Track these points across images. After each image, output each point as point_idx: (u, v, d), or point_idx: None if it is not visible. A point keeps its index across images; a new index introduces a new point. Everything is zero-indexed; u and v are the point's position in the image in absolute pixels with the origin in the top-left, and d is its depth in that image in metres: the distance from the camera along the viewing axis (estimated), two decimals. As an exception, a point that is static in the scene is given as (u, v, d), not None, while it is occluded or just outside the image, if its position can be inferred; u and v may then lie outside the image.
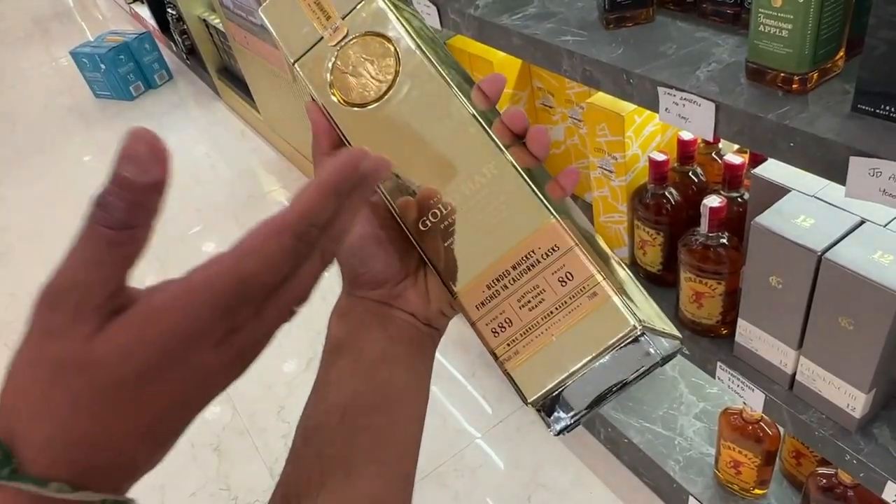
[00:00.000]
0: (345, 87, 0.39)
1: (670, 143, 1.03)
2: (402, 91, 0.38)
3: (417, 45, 0.38)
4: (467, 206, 0.36)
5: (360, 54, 0.39)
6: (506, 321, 0.35)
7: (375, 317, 0.40)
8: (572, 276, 0.34)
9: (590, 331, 0.33)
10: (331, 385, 0.39)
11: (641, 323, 0.32)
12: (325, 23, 0.39)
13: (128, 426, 0.25)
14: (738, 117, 0.67)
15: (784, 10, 0.61)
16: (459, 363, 1.72)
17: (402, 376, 0.40)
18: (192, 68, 3.51)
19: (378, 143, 0.38)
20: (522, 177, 0.36)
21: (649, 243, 1.03)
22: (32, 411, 0.24)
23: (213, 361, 0.26)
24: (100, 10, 4.94)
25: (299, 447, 0.38)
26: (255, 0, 1.92)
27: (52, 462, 0.24)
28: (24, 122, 3.48)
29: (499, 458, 1.51)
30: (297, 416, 0.30)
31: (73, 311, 0.24)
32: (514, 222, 0.35)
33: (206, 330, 0.25)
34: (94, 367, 0.24)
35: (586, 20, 0.89)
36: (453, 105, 0.37)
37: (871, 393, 0.76)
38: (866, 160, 0.57)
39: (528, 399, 0.34)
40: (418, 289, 0.41)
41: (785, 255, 0.76)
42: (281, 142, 2.65)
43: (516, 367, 0.34)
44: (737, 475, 1.15)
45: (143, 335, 0.24)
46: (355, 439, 0.37)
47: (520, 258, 0.35)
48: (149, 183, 0.25)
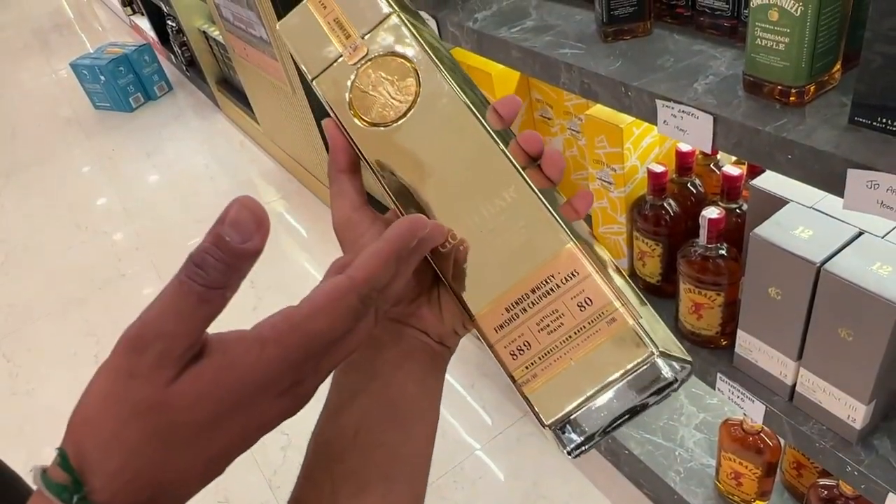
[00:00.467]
0: (364, 107, 0.39)
1: (668, 155, 1.03)
2: (423, 112, 0.38)
3: (437, 66, 0.38)
4: (486, 228, 0.37)
5: (380, 74, 0.39)
6: (524, 344, 0.35)
7: (389, 334, 0.40)
8: (591, 302, 0.34)
9: (608, 356, 0.34)
10: (343, 402, 0.39)
11: (659, 349, 0.33)
12: (345, 41, 0.40)
13: (189, 465, 0.27)
14: (736, 130, 0.67)
15: (780, 23, 0.61)
16: (459, 374, 1.72)
17: (414, 394, 0.40)
18: (191, 80, 3.53)
19: (397, 162, 0.38)
20: (542, 201, 0.36)
21: (648, 254, 1.03)
22: (105, 444, 0.26)
23: (274, 409, 0.29)
24: (100, 21, 4.96)
25: (311, 462, 0.38)
26: (256, 14, 1.93)
27: (115, 493, 0.26)
28: (23, 133, 3.49)
29: (499, 470, 1.50)
30: (297, 428, 0.31)
31: (157, 358, 0.26)
32: (533, 247, 0.36)
33: (275, 382, 0.28)
34: (170, 410, 0.26)
35: (584, 33, 0.90)
36: (473, 127, 0.37)
37: (871, 404, 0.76)
38: (864, 172, 0.57)
39: (546, 422, 0.34)
40: (432, 307, 0.41)
41: (784, 267, 0.76)
42: (280, 152, 2.65)
43: (534, 390, 0.35)
44: (737, 486, 1.14)
45: (217, 385, 0.27)
46: (368, 457, 0.38)
47: (539, 282, 0.35)
48: (248, 250, 0.27)
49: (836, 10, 0.60)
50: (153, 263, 2.36)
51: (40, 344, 2.12)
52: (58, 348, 2.07)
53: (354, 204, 0.40)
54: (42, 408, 1.88)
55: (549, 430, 0.34)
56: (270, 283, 2.16)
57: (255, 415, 0.28)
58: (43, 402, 1.89)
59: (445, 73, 0.38)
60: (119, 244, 2.50)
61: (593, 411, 0.34)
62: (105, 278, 2.34)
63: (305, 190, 2.57)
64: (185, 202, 2.66)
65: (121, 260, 2.41)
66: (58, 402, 1.88)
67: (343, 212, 0.40)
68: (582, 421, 0.34)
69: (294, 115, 2.19)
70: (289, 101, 2.14)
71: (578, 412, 0.34)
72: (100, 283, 2.31)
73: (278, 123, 2.45)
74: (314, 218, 2.42)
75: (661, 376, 0.33)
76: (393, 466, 0.38)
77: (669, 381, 0.33)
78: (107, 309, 2.19)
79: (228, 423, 0.27)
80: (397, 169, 0.38)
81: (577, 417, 0.34)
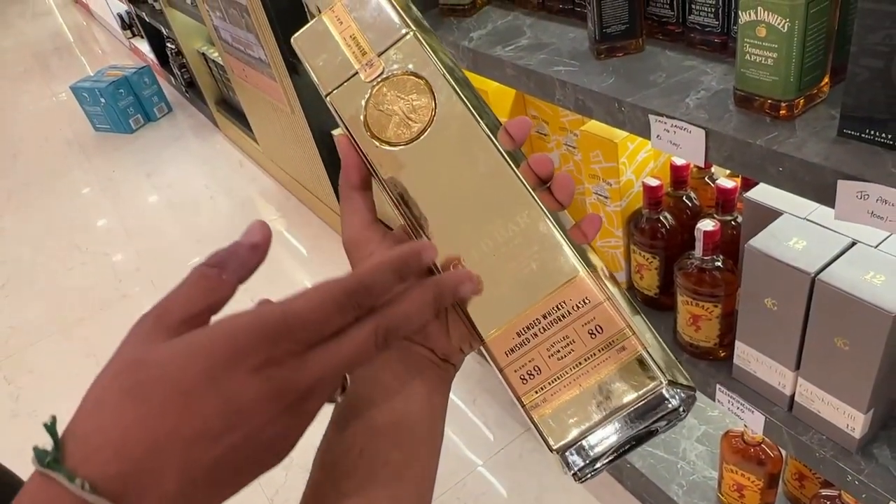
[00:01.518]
0: (379, 125, 0.39)
1: (663, 169, 1.04)
2: (438, 133, 0.38)
3: (453, 87, 0.38)
4: (499, 253, 0.37)
5: (396, 93, 0.39)
6: (535, 369, 0.36)
7: (395, 351, 0.40)
8: (602, 330, 0.35)
9: (617, 384, 0.34)
10: (349, 419, 0.39)
11: (667, 378, 0.33)
12: (361, 58, 0.39)
13: (162, 441, 0.26)
14: (728, 143, 0.68)
15: (768, 39, 0.63)
16: (461, 390, 1.71)
17: (419, 412, 0.40)
18: (191, 101, 3.56)
19: (410, 182, 0.38)
20: (554, 227, 0.36)
21: (646, 267, 1.04)
22: (87, 408, 0.27)
23: (248, 389, 0.28)
24: (99, 45, 5.01)
25: (317, 479, 0.38)
26: (255, 36, 1.96)
27: (86, 457, 0.25)
28: (24, 156, 3.51)
29: (501, 486, 1.50)
30: (297, 448, 0.31)
31: (151, 324, 0.28)
32: (545, 273, 0.36)
33: (245, 351, 0.28)
34: (144, 367, 0.27)
35: (578, 51, 0.91)
36: (488, 151, 0.38)
37: (869, 413, 0.77)
38: (854, 183, 0.58)
39: (553, 447, 0.34)
40: (440, 325, 0.41)
41: (779, 278, 0.77)
42: (279, 171, 2.67)
43: (543, 414, 0.35)
44: (740, 498, 1.14)
45: (189, 345, 0.28)
46: (373, 475, 0.38)
47: (550, 308, 0.36)
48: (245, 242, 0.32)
49: (822, 25, 0.62)
50: (154, 284, 2.36)
51: (41, 366, 2.12)
52: (59, 370, 2.07)
53: (365, 221, 0.40)
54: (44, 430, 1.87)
55: (556, 455, 0.35)
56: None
57: (227, 391, 0.27)
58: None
59: (461, 95, 0.38)
60: (119, 265, 2.51)
61: (601, 437, 0.34)
62: (105, 299, 2.34)
63: (304, 208, 2.58)
64: (186, 222, 2.67)
65: (121, 280, 2.42)
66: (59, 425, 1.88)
67: (353, 229, 0.40)
68: (589, 446, 0.34)
69: (293, 134, 2.21)
70: (288, 120, 2.16)
71: (586, 438, 0.34)
72: (100, 304, 2.32)
73: (277, 143, 2.47)
74: (313, 236, 2.44)
75: (670, 405, 0.34)
76: (398, 485, 0.38)
77: (677, 410, 0.34)
78: (107, 330, 2.20)
79: (200, 393, 0.26)
80: (410, 189, 0.38)
81: (585, 443, 0.34)
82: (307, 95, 1.94)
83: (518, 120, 0.40)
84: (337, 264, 2.27)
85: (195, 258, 2.44)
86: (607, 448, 0.35)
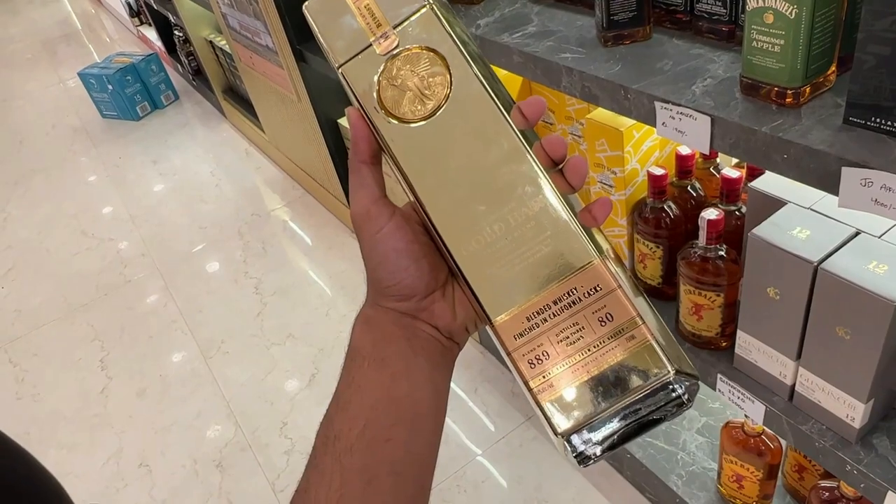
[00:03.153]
0: (392, 100, 0.38)
1: (669, 159, 1.05)
2: (452, 111, 0.38)
3: (469, 63, 0.38)
4: (512, 236, 0.36)
5: (411, 68, 0.38)
6: (543, 354, 0.35)
7: (400, 328, 0.40)
8: (612, 317, 0.35)
9: (626, 371, 0.34)
10: (352, 395, 0.39)
11: (675, 367, 0.34)
12: (376, 30, 0.38)
13: None
14: (733, 130, 0.68)
15: (776, 26, 0.63)
16: (462, 380, 1.72)
17: (423, 389, 0.40)
18: (197, 89, 3.56)
19: (422, 160, 0.38)
20: (568, 212, 0.36)
21: (649, 257, 1.04)
22: None
23: None
24: (107, 32, 5.02)
25: (320, 453, 0.38)
26: (263, 23, 1.96)
27: None
28: (31, 142, 3.53)
29: (501, 474, 1.51)
30: (299, 432, 0.31)
31: None
32: (558, 258, 0.36)
33: None
34: None
35: (585, 38, 0.91)
36: (504, 131, 0.37)
37: (869, 403, 0.77)
38: (858, 170, 0.58)
39: (558, 431, 0.35)
40: (445, 303, 0.41)
41: (782, 266, 0.77)
42: (284, 160, 2.68)
43: (549, 399, 0.35)
44: (739, 489, 1.15)
45: None
46: (376, 451, 0.38)
47: (562, 294, 0.35)
48: None
49: (829, 13, 0.62)
50: (158, 269, 2.37)
51: (46, 349, 2.13)
52: (63, 353, 2.09)
53: (374, 196, 0.40)
54: (47, 412, 1.89)
55: (561, 440, 0.35)
56: (274, 288, 2.17)
57: None
58: (48, 407, 1.91)
59: (476, 72, 0.38)
60: (125, 251, 2.52)
61: (606, 424, 0.34)
62: (111, 284, 2.36)
63: (309, 197, 2.59)
64: (191, 209, 2.68)
65: (126, 266, 2.43)
66: (63, 406, 1.90)
67: (362, 203, 0.40)
68: (594, 433, 0.35)
69: (299, 122, 2.21)
70: (294, 108, 2.17)
71: (591, 424, 0.34)
72: (105, 289, 2.33)
73: (283, 131, 2.47)
74: (318, 225, 2.44)
75: (675, 394, 0.34)
76: (401, 461, 0.38)
77: (682, 398, 0.34)
78: (112, 315, 2.21)
79: None
80: (422, 166, 0.38)
81: (590, 429, 0.34)
82: (314, 84, 1.94)
83: (532, 99, 0.39)
84: (341, 254, 2.28)
85: (200, 245, 2.45)
86: (611, 434, 0.35)
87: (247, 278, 2.24)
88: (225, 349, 1.98)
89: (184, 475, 1.65)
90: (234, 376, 1.89)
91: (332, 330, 1.97)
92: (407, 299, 0.40)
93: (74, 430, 1.83)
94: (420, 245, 0.39)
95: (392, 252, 0.39)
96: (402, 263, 0.39)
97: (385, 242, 0.39)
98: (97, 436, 1.80)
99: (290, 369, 1.87)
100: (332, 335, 1.96)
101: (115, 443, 1.77)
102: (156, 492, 1.63)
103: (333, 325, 1.99)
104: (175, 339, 2.06)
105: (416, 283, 0.40)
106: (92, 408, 1.88)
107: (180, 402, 1.85)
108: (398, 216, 0.40)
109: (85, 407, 1.88)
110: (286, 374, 1.86)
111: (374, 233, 0.39)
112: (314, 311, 2.06)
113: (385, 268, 0.40)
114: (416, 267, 0.39)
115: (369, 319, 0.41)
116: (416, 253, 0.39)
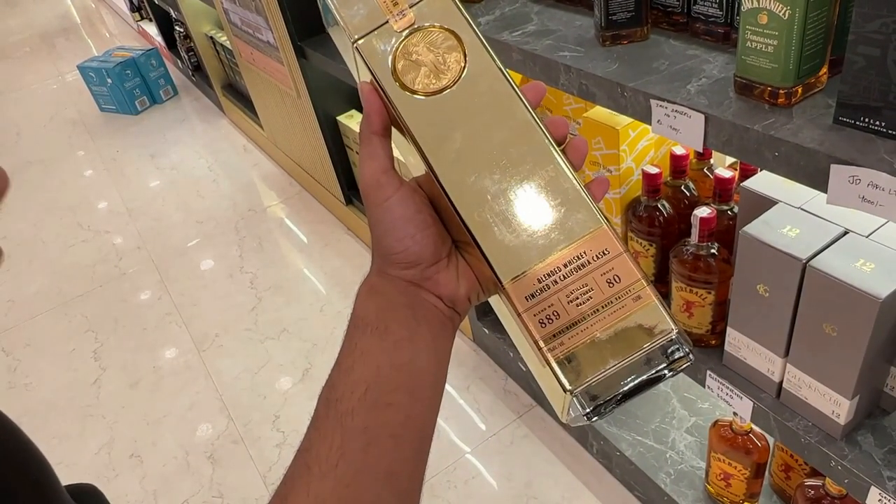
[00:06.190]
0: (407, 75, 0.40)
1: (664, 159, 1.06)
2: (467, 86, 0.39)
3: (483, 43, 0.40)
4: (523, 203, 0.38)
5: (427, 45, 0.40)
6: (553, 314, 0.37)
7: (404, 296, 0.42)
8: (620, 279, 0.37)
9: (632, 330, 0.36)
10: (355, 361, 0.40)
11: (678, 326, 0.36)
12: (393, 8, 0.40)
13: None
14: (727, 128, 0.70)
15: (769, 26, 0.64)
16: (454, 376, 1.73)
17: (424, 357, 0.41)
18: (197, 84, 3.57)
19: (439, 129, 0.40)
20: (577, 181, 0.38)
21: (642, 254, 1.06)
22: None
23: None
24: (107, 27, 5.02)
25: (321, 414, 0.39)
26: (264, 19, 1.97)
27: None
28: (28, 134, 3.52)
29: (491, 471, 1.52)
30: (291, 426, 0.31)
31: None
32: (568, 223, 0.38)
33: None
34: None
35: (583, 38, 0.93)
36: (515, 105, 0.39)
37: (854, 399, 0.79)
38: (846, 168, 0.60)
39: (568, 387, 0.36)
40: (450, 272, 0.42)
41: (771, 263, 0.78)
42: (282, 156, 2.68)
43: (559, 357, 0.37)
44: (727, 488, 1.16)
45: None
46: (377, 414, 0.39)
47: (572, 257, 0.38)
48: None
49: (822, 15, 0.64)
50: (154, 263, 2.38)
51: (40, 339, 2.13)
52: (57, 344, 2.09)
53: (383, 167, 0.41)
54: (39, 401, 1.89)
55: (570, 396, 0.36)
56: (269, 284, 2.18)
57: None
58: (40, 396, 1.91)
59: (490, 52, 0.40)
60: (120, 243, 2.52)
61: (613, 381, 0.36)
62: (106, 276, 2.36)
63: (306, 194, 2.60)
64: (187, 204, 2.68)
65: (122, 259, 2.44)
66: (55, 396, 1.90)
67: (372, 173, 0.41)
68: (602, 389, 0.36)
69: (298, 119, 2.22)
70: (294, 105, 2.18)
71: (599, 380, 0.36)
72: (100, 281, 2.33)
73: (282, 128, 2.48)
74: (314, 221, 2.45)
75: (680, 351, 0.36)
76: (401, 426, 0.39)
77: (685, 355, 0.36)
78: (106, 306, 2.21)
79: None
80: (437, 136, 0.40)
81: (598, 385, 0.36)
82: (314, 80, 1.96)
83: (533, 84, 0.41)
84: (337, 251, 2.28)
85: (195, 239, 2.46)
86: (619, 390, 0.37)
87: (242, 273, 2.24)
88: (219, 342, 1.99)
89: (175, 466, 1.65)
90: (227, 369, 1.89)
91: (327, 326, 1.98)
92: (413, 266, 0.41)
93: (66, 419, 1.83)
94: (426, 215, 0.41)
95: (400, 220, 0.40)
96: (410, 231, 0.40)
97: (393, 210, 0.40)
98: (89, 426, 1.80)
99: (284, 364, 1.87)
100: (326, 331, 1.96)
101: (107, 433, 1.77)
102: (146, 482, 1.63)
103: (328, 321, 2.00)
104: (169, 332, 2.06)
105: (422, 251, 0.41)
106: (84, 398, 1.88)
107: (173, 395, 1.85)
108: (406, 187, 0.41)
109: (77, 397, 1.88)
110: (280, 368, 1.86)
111: (382, 200, 0.40)
112: (309, 306, 2.07)
113: (393, 234, 0.41)
114: (422, 235, 0.41)
115: (374, 287, 0.42)
116: (423, 222, 0.41)
